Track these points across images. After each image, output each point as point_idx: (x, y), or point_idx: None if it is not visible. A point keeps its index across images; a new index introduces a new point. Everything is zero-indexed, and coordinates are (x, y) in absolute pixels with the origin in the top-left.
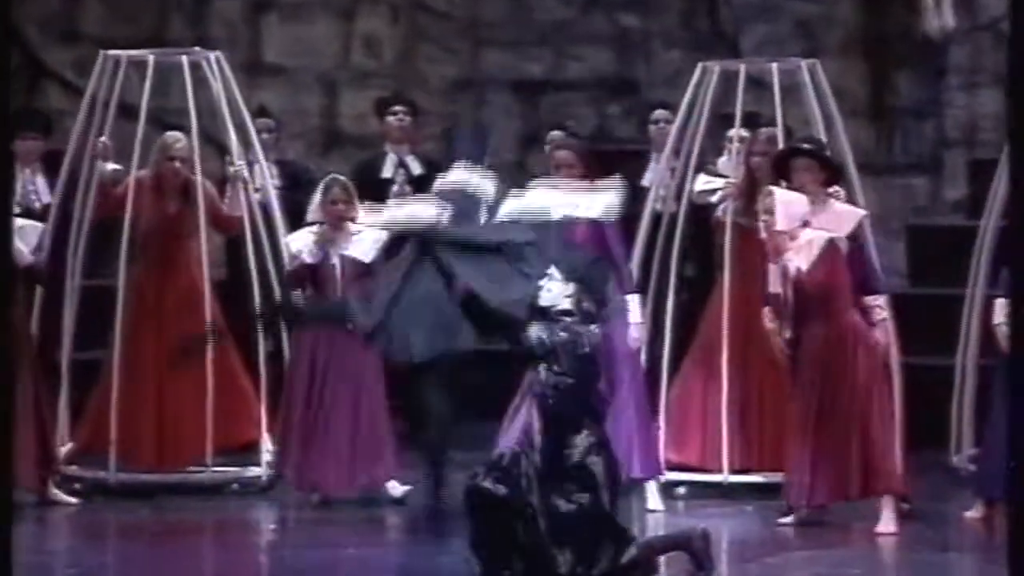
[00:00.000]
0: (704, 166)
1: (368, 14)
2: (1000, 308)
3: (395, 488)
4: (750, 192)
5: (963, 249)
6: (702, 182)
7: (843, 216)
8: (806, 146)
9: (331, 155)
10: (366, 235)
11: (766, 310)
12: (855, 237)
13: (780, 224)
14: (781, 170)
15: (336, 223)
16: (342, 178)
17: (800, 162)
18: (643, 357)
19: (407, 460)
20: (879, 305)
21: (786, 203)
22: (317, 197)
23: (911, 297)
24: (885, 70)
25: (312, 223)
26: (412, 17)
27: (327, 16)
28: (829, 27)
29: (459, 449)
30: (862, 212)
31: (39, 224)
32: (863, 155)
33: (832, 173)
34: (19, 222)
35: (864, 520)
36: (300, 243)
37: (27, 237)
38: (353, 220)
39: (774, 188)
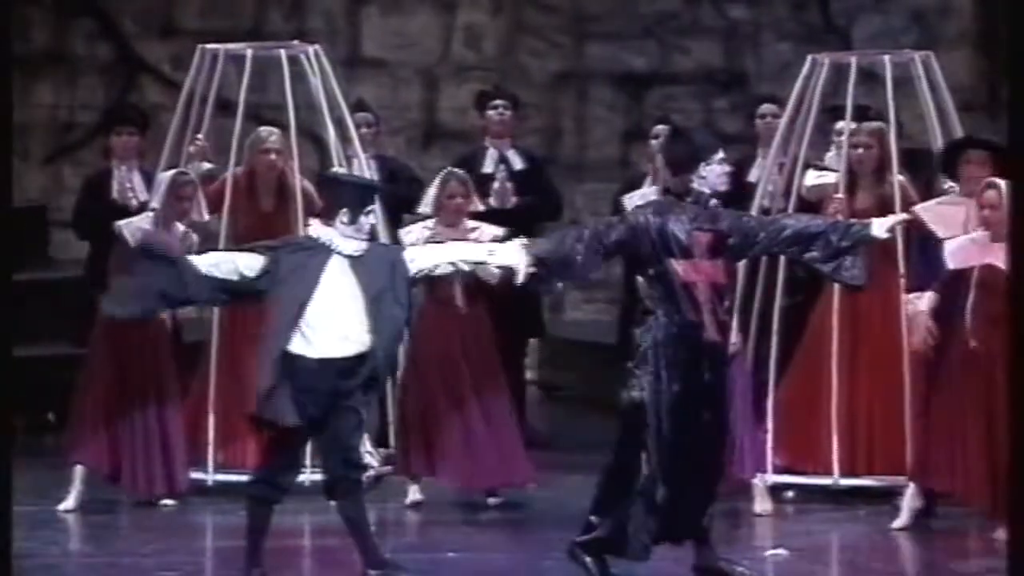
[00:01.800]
0: (812, 162)
1: (469, 6)
2: None
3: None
4: (850, 187)
5: None
6: (812, 177)
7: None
8: (983, 138)
9: (431, 149)
10: (485, 231)
11: (911, 296)
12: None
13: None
14: (948, 164)
15: (452, 218)
16: (460, 172)
17: (974, 155)
18: (748, 358)
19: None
20: None
21: None
22: (432, 191)
23: None
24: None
25: (425, 217)
26: (514, 9)
27: (427, 8)
28: (944, 18)
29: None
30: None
31: (195, 236)
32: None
33: (1003, 170)
34: (183, 227)
35: (981, 526)
36: (414, 237)
37: (191, 245)
38: (470, 214)
39: (999, 181)
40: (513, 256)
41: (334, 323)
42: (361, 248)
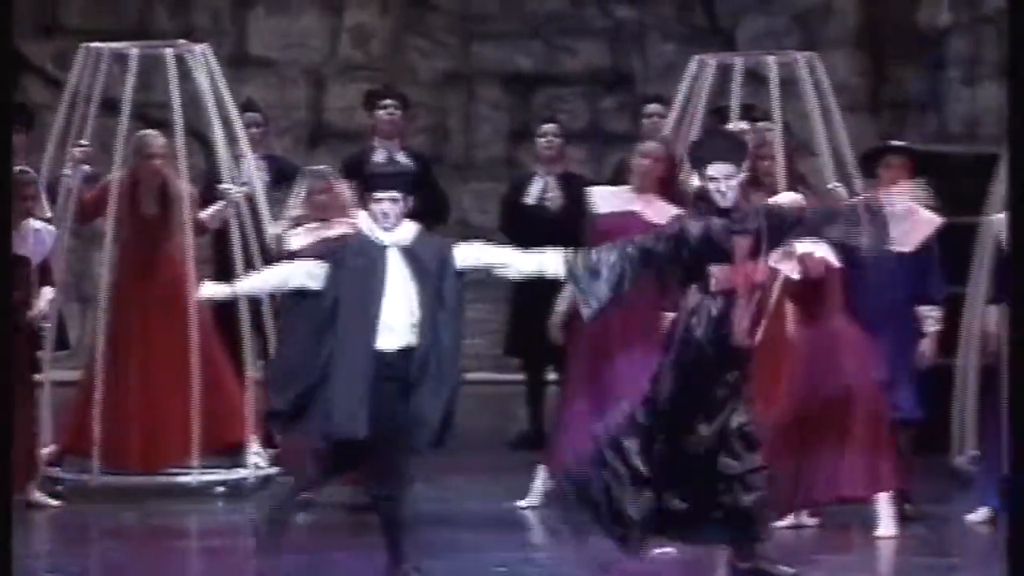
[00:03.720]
0: None
1: (356, 6)
2: (994, 314)
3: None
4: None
5: (964, 246)
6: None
7: (921, 223)
8: (901, 143)
9: (318, 149)
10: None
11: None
12: (927, 245)
13: None
14: (869, 167)
15: (320, 214)
16: (318, 168)
17: (893, 159)
18: None
19: None
20: (933, 316)
21: None
22: (297, 196)
23: None
24: (884, 63)
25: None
26: (401, 10)
27: (315, 8)
28: (827, 20)
29: None
30: (939, 220)
31: (53, 228)
32: (862, 150)
33: (918, 173)
34: (35, 224)
35: (864, 523)
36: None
37: (44, 241)
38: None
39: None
40: (559, 268)
41: (384, 314)
42: (406, 238)
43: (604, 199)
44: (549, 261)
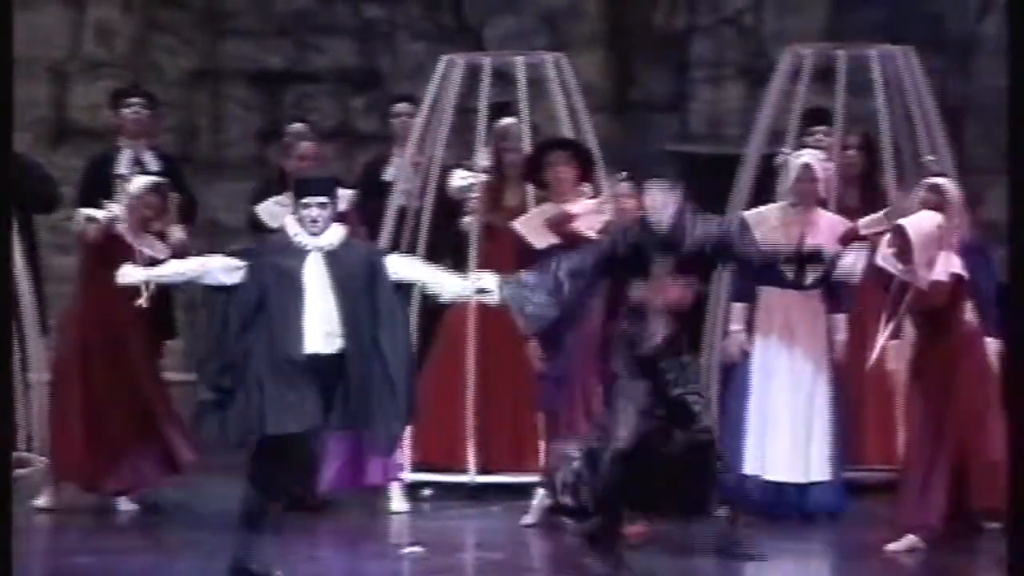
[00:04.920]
0: (450, 161)
1: (100, 3)
2: (738, 313)
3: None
4: (500, 189)
5: None
6: (459, 177)
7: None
8: (563, 138)
9: (61, 148)
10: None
11: None
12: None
13: (918, 258)
14: (533, 167)
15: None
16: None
17: (558, 156)
18: None
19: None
20: None
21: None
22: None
23: None
24: (629, 64)
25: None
26: (146, 6)
27: (57, 4)
28: (573, 21)
29: None
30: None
31: None
32: (609, 150)
33: (586, 168)
34: None
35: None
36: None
37: None
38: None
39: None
40: (492, 288)
41: (301, 319)
42: (332, 243)
43: (273, 214)
44: (482, 281)
